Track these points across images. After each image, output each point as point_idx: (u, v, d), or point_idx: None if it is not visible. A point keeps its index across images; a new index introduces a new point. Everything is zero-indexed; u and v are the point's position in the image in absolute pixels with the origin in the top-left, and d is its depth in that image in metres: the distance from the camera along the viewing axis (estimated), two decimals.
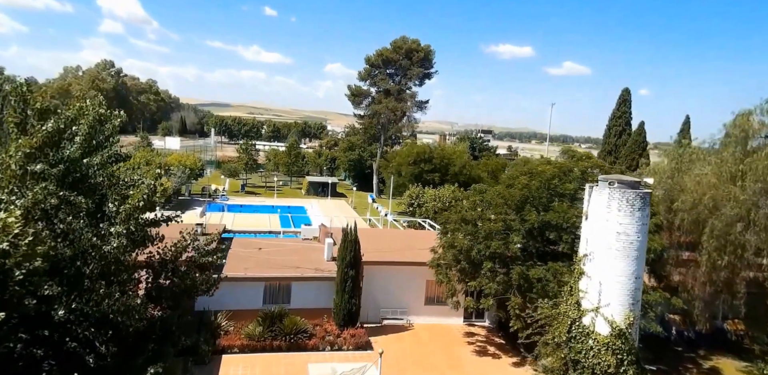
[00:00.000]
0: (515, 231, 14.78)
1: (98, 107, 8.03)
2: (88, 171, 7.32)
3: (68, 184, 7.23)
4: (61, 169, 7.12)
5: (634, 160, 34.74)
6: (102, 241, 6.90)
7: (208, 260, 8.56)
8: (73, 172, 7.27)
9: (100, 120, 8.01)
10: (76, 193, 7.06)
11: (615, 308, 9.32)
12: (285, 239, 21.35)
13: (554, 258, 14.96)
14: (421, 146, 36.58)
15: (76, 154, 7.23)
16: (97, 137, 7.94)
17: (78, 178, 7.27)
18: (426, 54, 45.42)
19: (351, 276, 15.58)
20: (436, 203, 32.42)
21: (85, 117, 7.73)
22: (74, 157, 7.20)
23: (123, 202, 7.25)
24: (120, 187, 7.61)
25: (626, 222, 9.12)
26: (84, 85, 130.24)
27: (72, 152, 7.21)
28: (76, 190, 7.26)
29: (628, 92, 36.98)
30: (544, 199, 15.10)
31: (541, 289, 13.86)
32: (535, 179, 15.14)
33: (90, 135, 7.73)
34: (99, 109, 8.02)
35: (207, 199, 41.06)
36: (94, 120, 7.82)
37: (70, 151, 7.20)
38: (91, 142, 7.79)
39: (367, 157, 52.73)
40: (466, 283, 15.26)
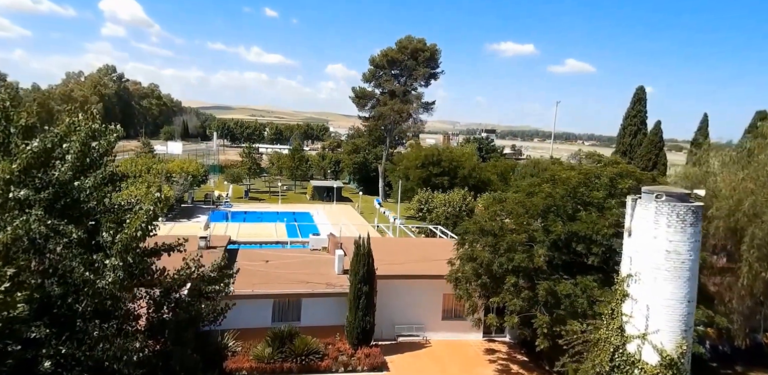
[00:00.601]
0: (539, 242, 13.91)
1: (91, 122, 7.26)
2: (80, 195, 6.53)
3: (57, 211, 6.46)
4: (49, 194, 6.35)
5: (650, 161, 33.75)
6: (96, 276, 6.11)
7: (215, 288, 7.75)
8: (63, 196, 6.50)
9: (93, 136, 7.24)
10: (66, 221, 6.28)
11: (665, 335, 8.44)
12: (292, 250, 20.57)
13: (581, 270, 14.09)
14: (429, 149, 35.74)
15: (66, 177, 6.45)
16: (90, 155, 7.16)
17: (68, 203, 6.50)
18: (432, 53, 44.58)
19: (365, 292, 14.76)
20: (446, 208, 31.58)
21: (76, 133, 6.96)
22: (64, 180, 6.43)
23: (119, 230, 6.46)
24: (116, 213, 6.82)
25: (677, 239, 8.25)
26: (86, 90, 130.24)
27: (61, 174, 6.43)
28: (66, 217, 6.49)
29: (643, 90, 35.92)
30: (569, 208, 14.23)
31: (570, 306, 13.00)
32: (559, 187, 14.25)
33: (83, 153, 6.96)
34: (92, 123, 7.25)
35: (210, 206, 40.39)
36: (86, 136, 7.04)
37: (59, 172, 6.42)
38: (84, 160, 7.02)
39: (372, 160, 51.91)
40: (488, 298, 14.40)
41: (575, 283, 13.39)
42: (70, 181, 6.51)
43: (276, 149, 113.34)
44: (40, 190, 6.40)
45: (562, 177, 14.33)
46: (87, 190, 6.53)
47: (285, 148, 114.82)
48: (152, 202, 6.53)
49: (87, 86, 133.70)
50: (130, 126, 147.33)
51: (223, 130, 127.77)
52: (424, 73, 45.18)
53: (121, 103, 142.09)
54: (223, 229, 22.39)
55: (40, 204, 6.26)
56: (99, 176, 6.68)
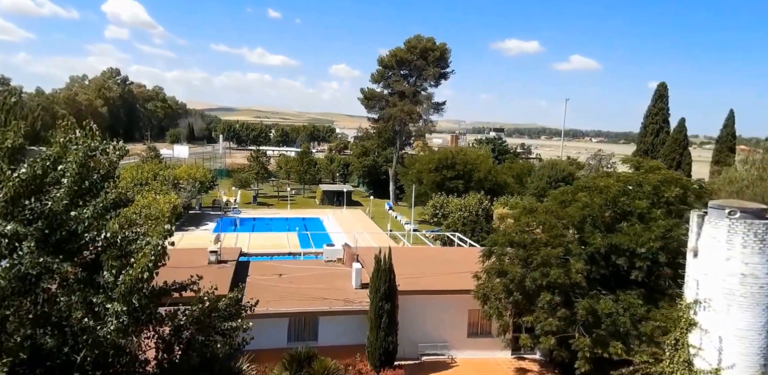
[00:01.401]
0: (575, 255, 12.93)
1: (90, 139, 6.43)
2: (77, 227, 5.69)
3: (51, 245, 5.63)
4: (42, 226, 5.53)
5: (674, 160, 32.52)
6: (96, 322, 5.28)
7: (231, 326, 6.90)
8: (57, 228, 5.67)
9: (93, 155, 6.40)
10: (62, 258, 5.46)
11: (741, 371, 7.45)
12: (306, 262, 19.74)
13: (621, 285, 13.10)
14: (443, 152, 34.78)
15: (61, 206, 5.62)
16: (90, 177, 6.31)
17: (64, 237, 5.66)
18: (442, 53, 43.61)
19: (386, 310, 13.87)
20: (462, 213, 30.60)
21: (73, 153, 6.12)
22: (58, 210, 5.60)
23: (122, 269, 5.61)
24: (119, 246, 5.97)
25: (754, 261, 7.28)
26: (90, 94, 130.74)
27: (55, 203, 5.60)
28: (61, 252, 5.66)
29: (665, 87, 34.60)
30: (607, 218, 13.23)
31: (611, 325, 12.02)
32: (597, 196, 13.24)
33: (80, 176, 6.12)
34: (91, 141, 6.41)
35: (219, 213, 39.75)
36: (84, 156, 6.21)
37: (52, 202, 5.59)
38: (82, 184, 6.18)
39: (382, 163, 51.02)
40: (519, 316, 13.46)
41: (616, 299, 12.42)
42: (65, 210, 5.67)
43: (283, 152, 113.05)
44: (31, 221, 5.58)
45: (600, 186, 13.32)
46: (85, 222, 5.69)
47: (292, 150, 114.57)
48: (161, 235, 5.67)
49: (91, 90, 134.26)
50: (135, 129, 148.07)
51: (229, 132, 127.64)
52: (434, 73, 44.22)
53: (126, 107, 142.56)
54: (233, 240, 21.63)
55: (31, 238, 5.43)
56: (99, 205, 5.83)
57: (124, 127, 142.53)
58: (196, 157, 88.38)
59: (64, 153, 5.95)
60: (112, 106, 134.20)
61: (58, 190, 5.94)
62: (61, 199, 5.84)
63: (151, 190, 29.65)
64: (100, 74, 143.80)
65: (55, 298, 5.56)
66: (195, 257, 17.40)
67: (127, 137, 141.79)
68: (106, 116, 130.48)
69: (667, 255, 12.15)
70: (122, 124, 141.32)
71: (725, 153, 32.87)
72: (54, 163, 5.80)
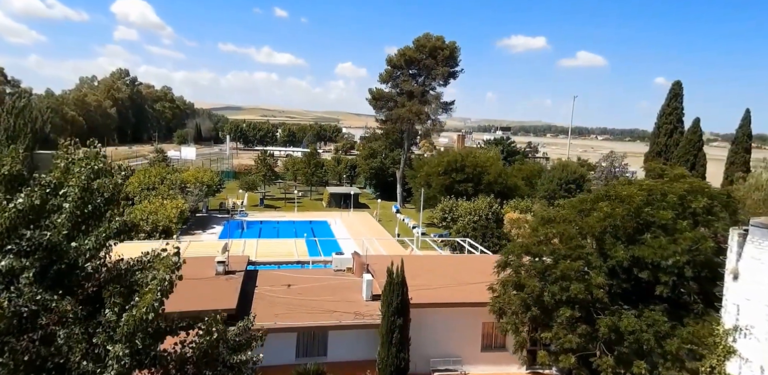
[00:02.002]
0: (595, 268, 12.39)
1: (93, 161, 6.05)
2: (78, 259, 5.32)
3: (50, 279, 5.26)
4: (40, 259, 5.16)
5: (688, 161, 31.69)
6: (96, 365, 4.89)
7: (241, 359, 6.49)
8: (56, 260, 5.30)
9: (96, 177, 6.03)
10: (60, 294, 5.08)
11: None
12: (315, 271, 19.35)
13: (643, 299, 12.54)
14: (452, 155, 34.23)
15: (60, 237, 5.24)
16: (93, 201, 5.94)
17: (63, 270, 5.29)
18: (451, 52, 42.96)
19: (399, 325, 13.44)
20: (471, 217, 30.06)
21: (76, 177, 5.75)
22: (57, 242, 5.22)
23: (126, 305, 5.22)
24: (122, 278, 5.58)
25: None
26: (100, 95, 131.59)
27: (54, 234, 5.23)
28: (59, 286, 5.29)
29: (680, 86, 33.62)
30: (629, 229, 12.66)
31: (635, 342, 11.49)
32: (619, 206, 12.66)
33: (83, 201, 5.75)
34: (95, 163, 6.04)
35: (225, 216, 39.56)
36: (87, 179, 5.83)
37: (51, 233, 5.22)
38: (85, 209, 5.80)
39: (389, 164, 50.54)
40: (536, 330, 12.96)
41: (638, 315, 11.88)
42: (66, 240, 5.29)
43: (289, 152, 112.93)
44: (29, 253, 5.21)
45: (623, 195, 12.75)
46: (87, 254, 5.31)
47: (298, 151, 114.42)
48: (168, 268, 5.27)
49: (100, 91, 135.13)
50: (143, 130, 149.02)
51: (236, 132, 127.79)
52: (443, 73, 43.61)
53: (135, 107, 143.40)
54: (240, 247, 21.31)
55: (28, 271, 5.06)
56: (102, 235, 5.44)
57: (133, 127, 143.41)
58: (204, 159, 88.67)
59: (66, 178, 5.56)
60: (121, 107, 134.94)
61: (59, 216, 5.58)
62: (62, 228, 5.47)
63: (158, 195, 29.44)
64: (109, 75, 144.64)
65: (54, 336, 5.18)
66: (202, 267, 17.08)
67: (135, 138, 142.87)
68: (115, 117, 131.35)
69: (693, 269, 11.59)
70: (131, 125, 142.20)
71: (741, 154, 31.98)
72: (54, 189, 5.43)
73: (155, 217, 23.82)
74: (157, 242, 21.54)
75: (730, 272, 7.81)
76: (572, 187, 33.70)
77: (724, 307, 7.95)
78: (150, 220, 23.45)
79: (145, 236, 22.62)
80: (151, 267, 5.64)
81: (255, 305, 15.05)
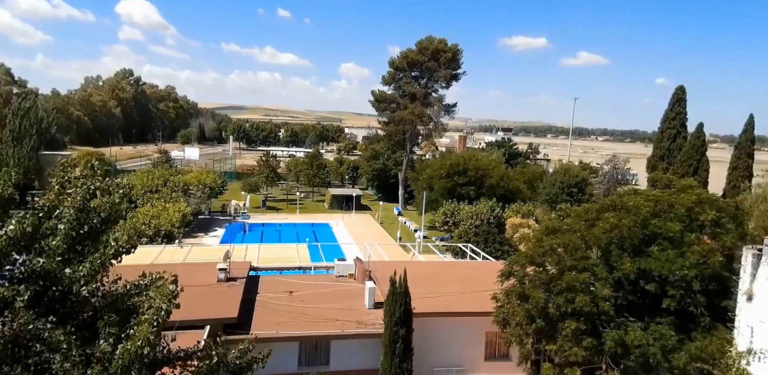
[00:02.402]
0: (600, 279, 12.12)
1: (90, 180, 5.80)
2: (72, 287, 5.08)
3: (43, 307, 5.02)
4: (32, 286, 4.92)
5: (691, 166, 31.37)
6: None
7: None
8: (50, 287, 5.06)
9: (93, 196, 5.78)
10: (54, 322, 4.84)
11: None
12: (317, 276, 19.13)
13: (649, 311, 12.26)
14: (455, 158, 33.94)
15: (53, 265, 5.00)
16: (90, 221, 5.69)
17: (56, 297, 5.05)
18: (454, 54, 42.67)
19: (402, 335, 13.19)
20: (473, 221, 29.78)
21: (71, 198, 5.50)
22: (51, 269, 4.98)
23: (121, 333, 4.98)
24: (119, 304, 5.34)
25: None
26: (104, 95, 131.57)
27: (48, 261, 4.99)
28: (52, 312, 5.05)
29: (683, 90, 33.32)
30: (636, 241, 12.38)
31: (641, 356, 11.22)
32: (626, 217, 12.38)
33: (79, 221, 5.51)
34: (91, 182, 5.78)
35: (228, 218, 39.37)
36: (83, 200, 5.59)
37: (44, 259, 4.97)
38: (81, 229, 5.56)
39: (391, 166, 50.28)
40: (542, 343, 12.69)
41: (645, 327, 11.61)
42: (60, 267, 5.05)
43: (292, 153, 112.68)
44: (21, 281, 4.97)
45: (629, 205, 12.46)
46: (81, 281, 5.06)
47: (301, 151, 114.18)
48: (165, 297, 5.01)
49: (105, 91, 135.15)
50: (147, 130, 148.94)
51: (239, 133, 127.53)
52: (446, 75, 43.33)
53: (139, 107, 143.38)
54: (242, 252, 21.11)
55: (21, 300, 4.83)
56: (97, 261, 5.20)
57: (137, 127, 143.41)
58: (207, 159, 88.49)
59: (60, 201, 5.31)
60: (125, 106, 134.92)
61: (54, 239, 5.33)
62: (56, 253, 5.23)
63: (161, 198, 29.23)
64: (113, 75, 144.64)
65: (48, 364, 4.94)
66: (204, 273, 16.88)
67: (140, 137, 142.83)
68: (119, 117, 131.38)
69: (701, 282, 11.31)
70: (135, 125, 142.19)
71: (744, 159, 31.67)
72: (49, 212, 5.18)
73: (158, 221, 23.60)
74: (159, 247, 21.35)
75: (743, 293, 7.53)
76: (574, 191, 33.41)
77: (737, 328, 7.68)
78: (152, 224, 23.24)
79: (148, 241, 22.43)
80: (148, 292, 5.39)
81: (257, 313, 14.84)
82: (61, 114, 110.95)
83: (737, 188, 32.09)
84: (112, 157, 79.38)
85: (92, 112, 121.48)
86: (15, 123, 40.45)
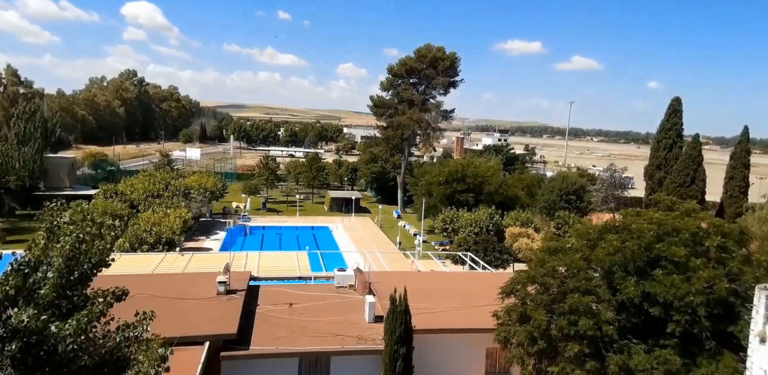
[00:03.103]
0: (604, 301, 11.73)
1: (81, 226, 5.32)
2: (57, 346, 4.62)
3: (27, 367, 4.56)
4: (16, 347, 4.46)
5: (688, 176, 31.09)
6: None
7: None
8: (35, 346, 4.60)
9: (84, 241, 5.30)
10: None
11: None
12: (317, 287, 18.68)
13: (653, 334, 11.89)
14: (453, 164, 33.51)
15: (38, 323, 4.54)
16: (79, 267, 5.23)
17: (41, 356, 4.59)
18: (452, 62, 42.21)
19: (402, 354, 12.79)
20: (472, 228, 29.40)
21: (59, 249, 5.04)
22: (35, 328, 4.52)
23: None
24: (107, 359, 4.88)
25: None
26: (108, 95, 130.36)
27: (31, 320, 4.53)
28: (41, 370, 4.60)
29: (679, 102, 33.09)
30: (640, 263, 11.99)
31: None
32: (630, 240, 11.98)
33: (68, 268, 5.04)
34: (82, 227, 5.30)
35: (228, 220, 38.86)
36: (72, 248, 5.12)
37: (28, 318, 4.52)
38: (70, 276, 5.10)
39: (390, 169, 49.83)
40: (544, 364, 12.31)
41: (649, 350, 11.25)
42: (45, 326, 4.59)
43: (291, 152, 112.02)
44: (3, 340, 4.51)
45: (632, 228, 12.06)
46: (67, 339, 4.61)
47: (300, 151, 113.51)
48: (153, 362, 4.56)
49: (109, 91, 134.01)
50: (150, 129, 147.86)
51: (240, 132, 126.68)
52: (444, 83, 42.88)
53: (142, 107, 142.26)
54: (242, 260, 20.68)
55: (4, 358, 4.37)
56: (84, 319, 4.74)
57: (140, 126, 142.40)
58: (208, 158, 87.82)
59: (46, 253, 4.85)
60: (129, 106, 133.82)
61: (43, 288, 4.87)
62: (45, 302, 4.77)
63: (162, 204, 28.70)
64: (117, 75, 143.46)
65: None
66: (204, 285, 16.43)
67: (143, 136, 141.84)
68: (123, 116, 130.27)
69: (707, 308, 10.95)
70: (138, 124, 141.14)
71: (740, 169, 31.44)
72: (34, 267, 4.72)
73: (159, 228, 23.10)
74: (160, 255, 20.88)
75: (756, 335, 7.14)
76: (572, 199, 33.06)
77: (749, 369, 7.30)
78: (154, 231, 22.73)
79: (149, 248, 21.95)
80: (136, 358, 4.90)
81: (256, 328, 14.40)
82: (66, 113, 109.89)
83: (734, 198, 31.90)
84: (115, 157, 78.71)
85: (96, 112, 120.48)
86: (20, 126, 39.79)
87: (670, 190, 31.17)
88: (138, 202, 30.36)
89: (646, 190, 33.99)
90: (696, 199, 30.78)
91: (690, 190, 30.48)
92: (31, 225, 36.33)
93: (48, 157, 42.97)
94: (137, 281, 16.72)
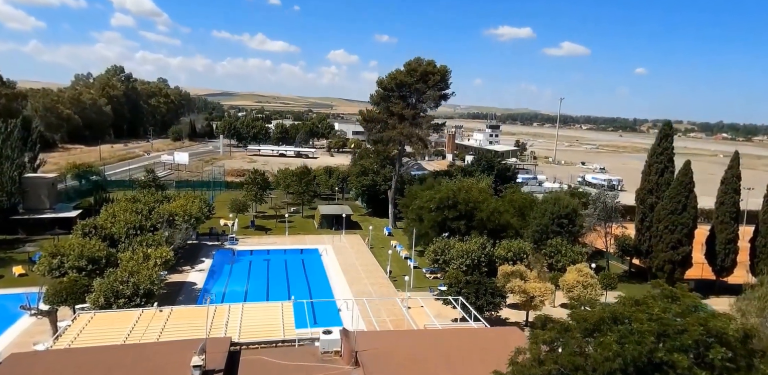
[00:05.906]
0: None
1: None
2: None
3: None
4: None
5: (680, 203, 30.25)
6: None
7: None
8: None
9: None
10: None
11: None
12: (300, 353, 17.57)
13: None
14: (444, 190, 32.20)
15: None
16: None
17: None
18: (442, 75, 40.46)
19: None
20: (464, 260, 28.39)
21: None
22: None
23: None
24: None
25: None
26: (95, 92, 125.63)
27: None
28: None
29: (670, 126, 32.08)
30: (640, 364, 11.02)
31: None
32: (630, 343, 10.96)
33: None
34: None
35: (216, 243, 37.45)
36: None
37: None
38: None
39: (380, 182, 48.47)
40: None
41: None
42: None
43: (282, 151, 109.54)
44: None
45: (631, 328, 11.01)
46: None
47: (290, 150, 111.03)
48: None
49: (95, 88, 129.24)
50: (138, 124, 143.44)
51: (230, 130, 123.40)
52: (434, 96, 41.20)
53: (129, 104, 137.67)
54: (224, 315, 19.47)
55: None
56: None
57: (128, 124, 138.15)
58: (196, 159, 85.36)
59: None
60: (116, 103, 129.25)
61: None
62: None
63: (143, 242, 27.15)
64: (104, 72, 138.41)
65: None
66: (178, 364, 15.18)
67: (131, 133, 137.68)
68: (110, 114, 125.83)
69: None
70: (126, 121, 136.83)
71: (730, 194, 30.66)
72: None
73: (136, 278, 21.69)
74: (136, 311, 19.55)
75: None
76: (564, 222, 32.12)
77: None
78: (131, 282, 21.34)
79: (125, 302, 20.60)
80: None
81: None
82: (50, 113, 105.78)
83: (725, 224, 31.17)
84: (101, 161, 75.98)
85: (83, 110, 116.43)
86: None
87: (662, 217, 30.34)
88: (119, 236, 28.81)
89: (637, 214, 33.14)
90: (687, 227, 30.02)
91: (682, 217, 29.68)
92: (7, 255, 34.59)
93: (27, 177, 40.90)
94: (108, 356, 15.50)
